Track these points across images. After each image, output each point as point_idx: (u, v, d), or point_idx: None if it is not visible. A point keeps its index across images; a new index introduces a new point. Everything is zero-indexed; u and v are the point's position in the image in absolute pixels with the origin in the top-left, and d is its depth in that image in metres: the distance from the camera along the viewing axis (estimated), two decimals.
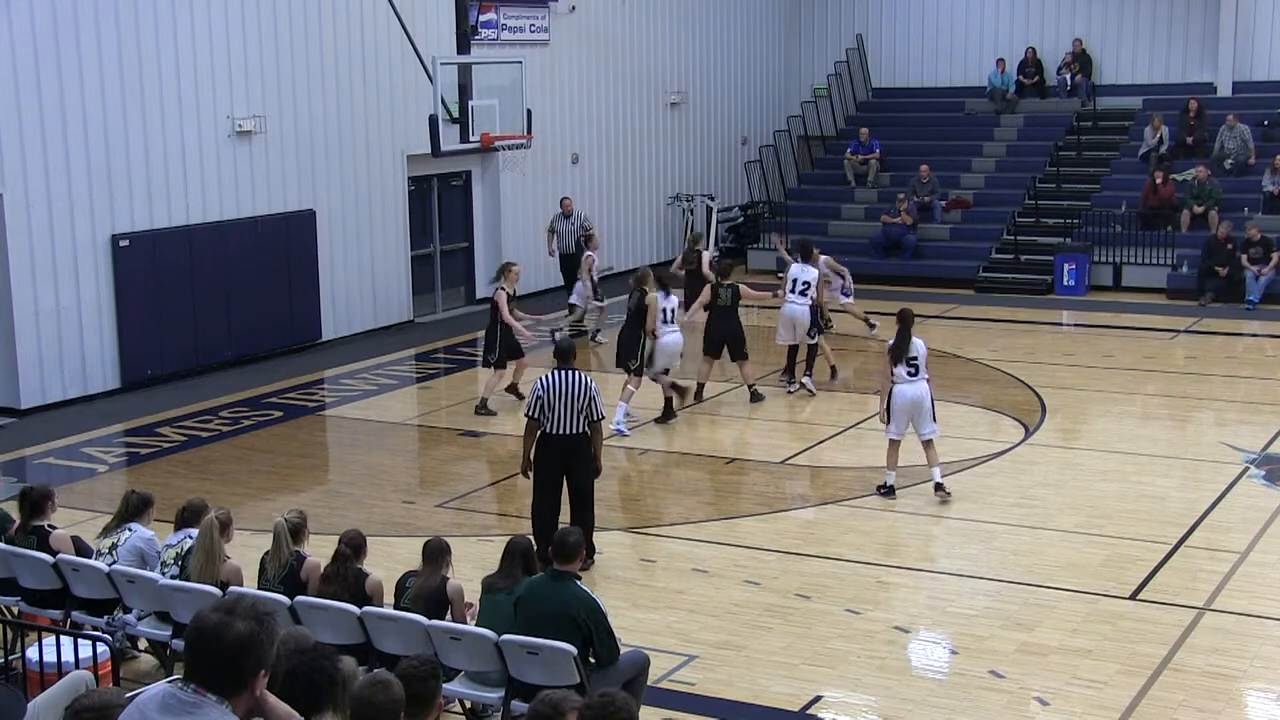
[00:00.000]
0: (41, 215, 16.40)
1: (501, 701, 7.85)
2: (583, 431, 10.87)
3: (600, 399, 10.94)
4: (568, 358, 11.08)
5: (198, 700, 4.21)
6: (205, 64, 18.12)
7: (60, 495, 10.54)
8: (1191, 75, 27.04)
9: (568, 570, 8.06)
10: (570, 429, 10.83)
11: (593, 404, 10.84)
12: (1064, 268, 23.49)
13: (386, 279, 21.17)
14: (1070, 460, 14.24)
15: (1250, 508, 12.49)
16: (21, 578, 9.31)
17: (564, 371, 10.88)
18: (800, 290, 16.71)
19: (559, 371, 10.89)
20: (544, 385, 10.83)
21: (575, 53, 24.40)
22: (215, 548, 8.73)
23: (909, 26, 29.50)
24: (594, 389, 10.88)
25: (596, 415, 10.90)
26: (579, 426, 10.84)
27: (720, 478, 13.85)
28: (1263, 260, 22.18)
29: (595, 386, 10.92)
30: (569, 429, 10.82)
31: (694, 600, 10.55)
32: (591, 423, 10.88)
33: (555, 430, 10.84)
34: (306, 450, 15.43)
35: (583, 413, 10.82)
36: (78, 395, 16.96)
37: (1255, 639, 9.73)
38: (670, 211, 27.16)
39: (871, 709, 8.86)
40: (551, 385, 10.81)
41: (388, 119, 20.70)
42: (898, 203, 25.14)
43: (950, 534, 12.27)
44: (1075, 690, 8.91)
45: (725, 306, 16.33)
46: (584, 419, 10.84)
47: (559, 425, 10.82)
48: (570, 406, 10.79)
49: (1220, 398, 16.93)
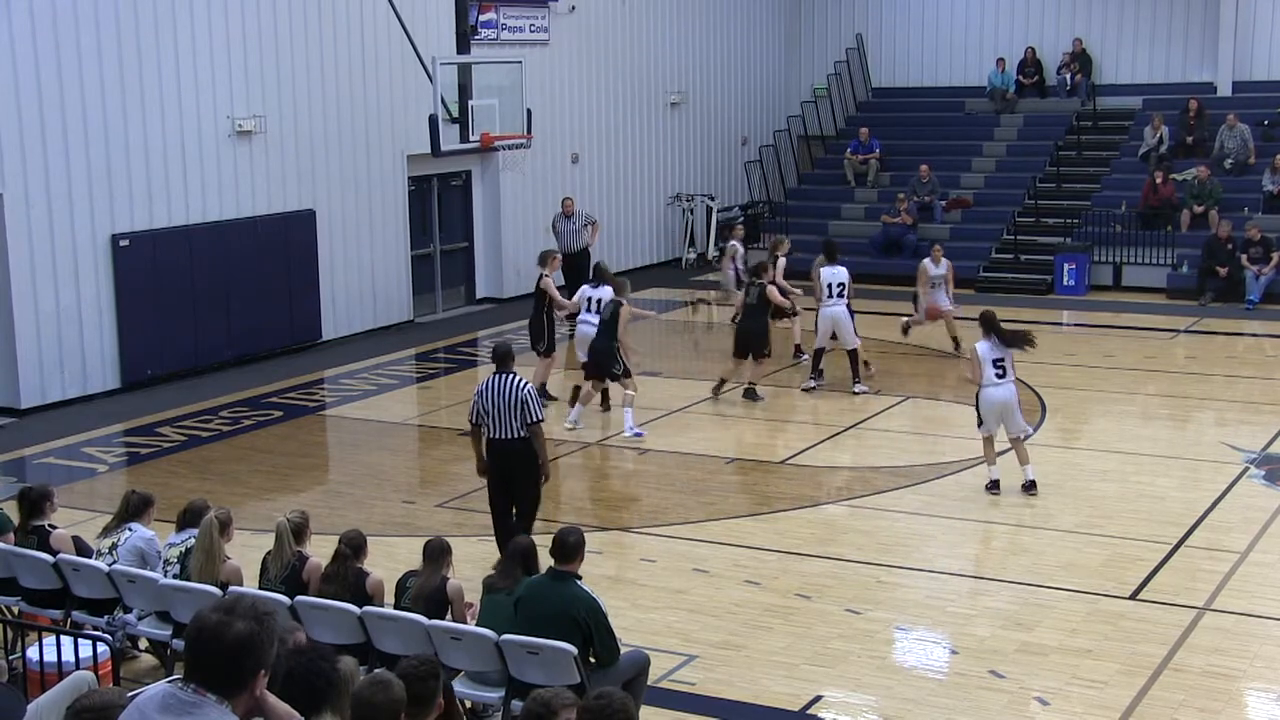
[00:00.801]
0: (41, 215, 16.41)
1: (501, 701, 7.86)
2: (521, 436, 10.74)
3: (535, 402, 10.77)
4: (505, 361, 10.97)
5: (198, 700, 4.22)
6: (205, 64, 18.12)
7: (60, 495, 10.55)
8: (1191, 75, 27.04)
9: (568, 570, 8.06)
10: (507, 434, 10.73)
11: (526, 408, 10.70)
12: (1064, 267, 23.50)
13: (386, 279, 21.17)
14: (1070, 460, 14.24)
15: (1250, 508, 12.49)
16: (22, 577, 9.31)
17: (500, 376, 10.81)
18: (836, 293, 16.73)
19: (496, 376, 10.83)
20: (482, 390, 10.81)
21: (575, 53, 24.40)
22: (215, 547, 8.74)
23: (909, 26, 29.50)
24: (528, 392, 10.73)
25: (532, 418, 10.72)
26: (516, 431, 10.72)
27: (720, 478, 13.85)
28: (1263, 260, 22.19)
29: (530, 389, 10.79)
30: (506, 434, 10.73)
31: (694, 600, 10.55)
32: (528, 426, 10.74)
33: (494, 435, 10.80)
34: (306, 450, 15.43)
35: (519, 417, 10.69)
36: (78, 395, 16.96)
37: (1255, 639, 9.73)
38: (670, 211, 27.16)
39: (872, 709, 8.86)
40: (488, 390, 10.77)
41: (388, 119, 20.70)
42: (898, 202, 25.14)
43: (950, 534, 12.27)
44: (1075, 690, 8.92)
45: (752, 305, 16.36)
46: (521, 424, 10.71)
47: (497, 430, 10.76)
48: (506, 411, 10.69)
49: (1220, 398, 16.93)
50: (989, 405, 12.80)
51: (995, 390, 12.77)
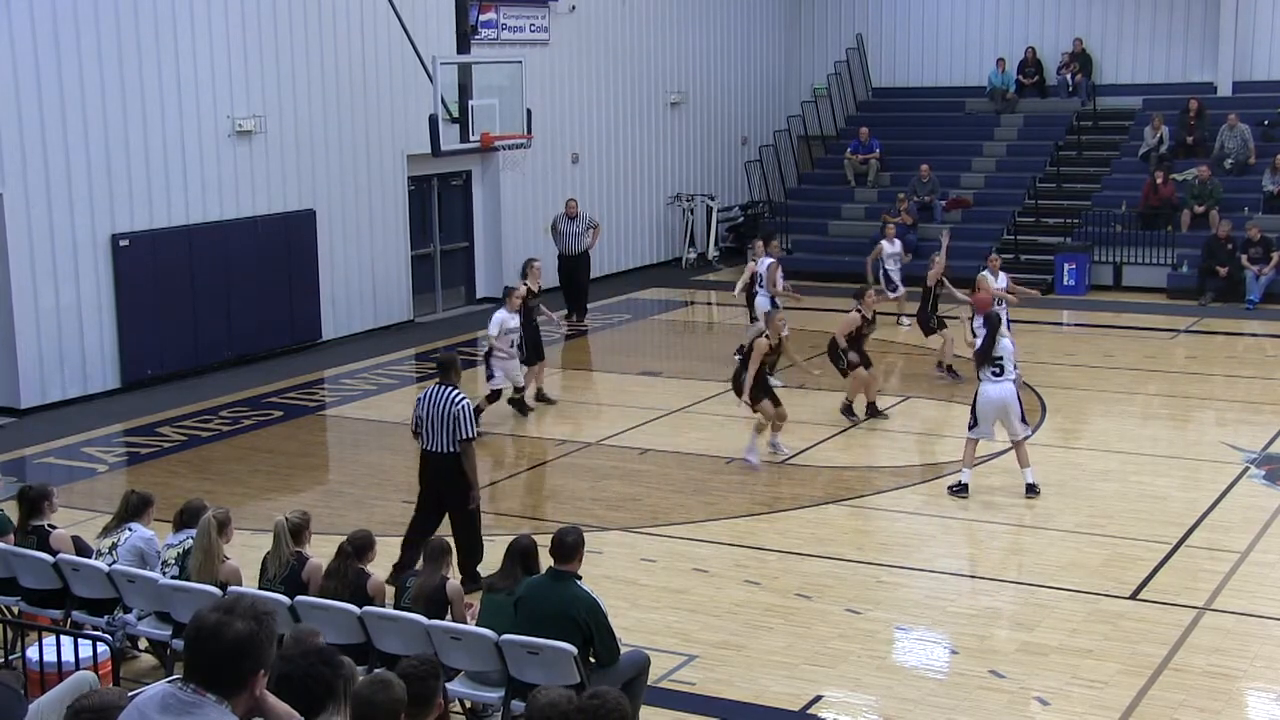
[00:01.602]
0: (41, 215, 16.40)
1: (501, 701, 7.86)
2: (452, 451, 10.56)
3: (467, 419, 10.52)
4: (446, 372, 10.81)
5: (197, 700, 4.22)
6: (205, 64, 18.12)
7: (60, 495, 10.55)
8: (1191, 75, 27.04)
9: (567, 570, 8.06)
10: (439, 447, 10.58)
11: (457, 424, 10.48)
12: (1064, 267, 23.50)
13: (386, 279, 21.17)
14: (1070, 460, 14.23)
15: (1250, 507, 12.49)
16: (22, 577, 9.31)
17: (440, 387, 10.67)
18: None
19: (436, 386, 10.71)
20: (421, 399, 10.70)
21: (575, 53, 24.40)
22: (213, 547, 8.73)
23: (909, 26, 29.50)
24: (461, 407, 10.49)
25: (463, 435, 10.49)
26: (448, 445, 10.54)
27: (720, 478, 13.84)
28: (1263, 260, 22.19)
29: (465, 405, 10.56)
30: (438, 446, 10.58)
31: (694, 600, 10.55)
32: (460, 443, 10.52)
33: (427, 446, 10.67)
34: (307, 450, 15.43)
35: (450, 433, 10.51)
36: (78, 395, 16.96)
37: (1255, 639, 9.73)
38: (670, 211, 27.16)
39: (872, 709, 8.86)
40: (426, 399, 10.66)
41: (388, 119, 20.70)
42: (898, 202, 25.13)
43: (950, 534, 12.27)
44: (1076, 690, 8.91)
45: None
46: (452, 439, 10.53)
47: (429, 441, 10.63)
48: (439, 423, 10.53)
49: (1220, 397, 16.93)
50: (985, 403, 12.70)
51: (992, 388, 12.66)
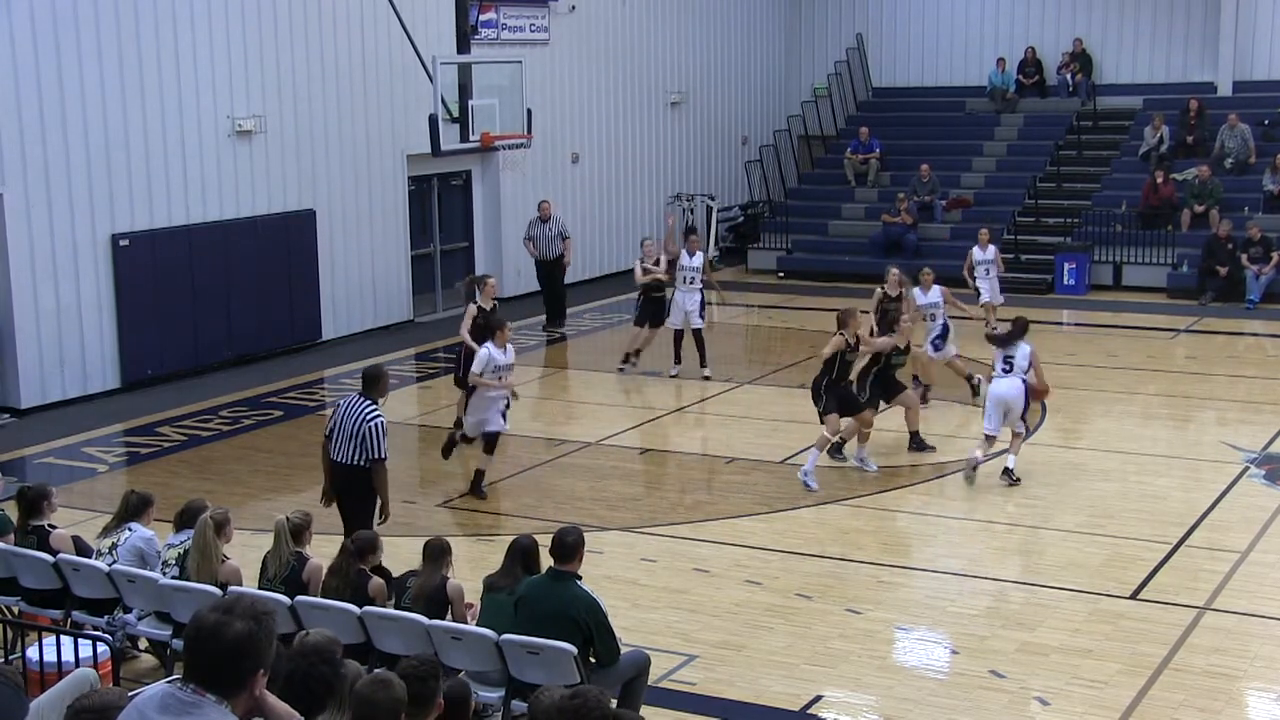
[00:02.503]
0: (41, 215, 16.40)
1: (501, 701, 7.85)
2: (358, 464, 10.39)
3: (375, 439, 10.27)
4: (368, 385, 10.60)
5: (197, 700, 4.21)
6: (205, 64, 18.11)
7: (60, 495, 10.55)
8: (1192, 75, 27.04)
9: (567, 570, 8.05)
10: (343, 458, 10.46)
11: (365, 442, 10.30)
12: (1064, 267, 23.50)
13: (386, 279, 21.16)
14: (1071, 460, 14.23)
15: (1251, 507, 12.49)
16: (22, 577, 9.30)
17: (358, 398, 10.53)
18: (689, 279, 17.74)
19: (356, 397, 10.56)
20: (339, 405, 10.61)
21: (575, 53, 24.39)
22: (210, 547, 8.73)
23: (909, 26, 29.50)
24: (371, 426, 10.27)
25: (371, 455, 10.32)
26: (353, 458, 10.42)
27: (720, 478, 13.84)
28: (1263, 260, 22.19)
29: (377, 424, 10.30)
30: (343, 457, 10.47)
31: (694, 600, 10.54)
32: (370, 461, 10.35)
33: (334, 455, 10.54)
34: (306, 450, 15.35)
35: (357, 448, 10.37)
36: (78, 395, 16.96)
37: (1256, 639, 9.73)
38: (670, 211, 27.10)
39: (872, 709, 8.86)
40: (342, 408, 10.54)
41: (388, 119, 20.69)
42: (898, 202, 25.14)
43: (950, 534, 12.27)
44: (1076, 690, 8.91)
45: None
46: (360, 453, 10.38)
47: (336, 449, 10.51)
48: (347, 436, 10.41)
49: (1221, 397, 16.93)
50: (992, 396, 13.35)
51: (999, 382, 13.32)
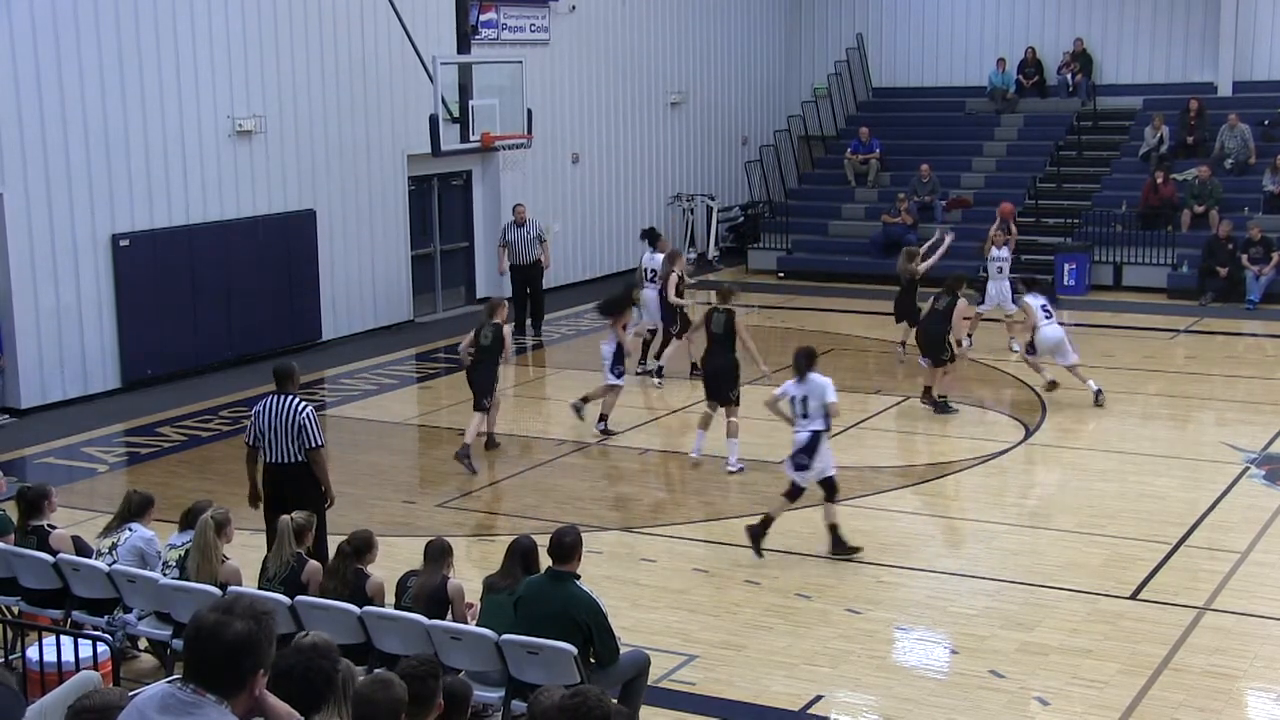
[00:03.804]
0: (41, 215, 16.40)
1: (501, 701, 7.85)
2: (299, 460, 10.38)
3: (312, 427, 10.33)
4: (283, 382, 10.57)
5: (197, 700, 4.21)
6: (205, 64, 18.11)
7: (60, 495, 10.55)
8: (1192, 75, 27.03)
9: (566, 570, 8.05)
10: (284, 458, 10.44)
11: (304, 432, 10.30)
12: (1064, 267, 23.48)
13: (386, 279, 21.16)
14: (1070, 460, 14.23)
15: (1250, 507, 12.49)
16: (22, 577, 9.31)
17: (279, 397, 10.47)
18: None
19: (275, 396, 10.50)
20: (259, 411, 10.52)
21: (575, 53, 24.39)
22: (210, 547, 8.73)
23: (909, 26, 29.49)
24: (305, 415, 10.32)
25: (310, 443, 10.33)
26: (293, 455, 10.41)
27: (720, 478, 13.84)
28: (1263, 260, 22.18)
29: (309, 413, 10.37)
30: (283, 458, 10.44)
31: (694, 600, 10.55)
32: (308, 451, 10.36)
33: (271, 459, 10.49)
34: None
35: (296, 441, 10.37)
36: (78, 395, 16.96)
37: (1255, 639, 9.73)
38: (670, 211, 27.14)
39: (872, 709, 8.86)
40: (265, 411, 10.46)
41: (388, 119, 20.69)
42: (898, 202, 25.14)
43: (950, 534, 12.27)
44: (1076, 690, 8.91)
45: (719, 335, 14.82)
46: (298, 447, 10.38)
47: (273, 453, 10.46)
48: (282, 434, 10.38)
49: (1220, 397, 16.93)
50: (1044, 342, 15.76)
51: (1048, 329, 15.79)
